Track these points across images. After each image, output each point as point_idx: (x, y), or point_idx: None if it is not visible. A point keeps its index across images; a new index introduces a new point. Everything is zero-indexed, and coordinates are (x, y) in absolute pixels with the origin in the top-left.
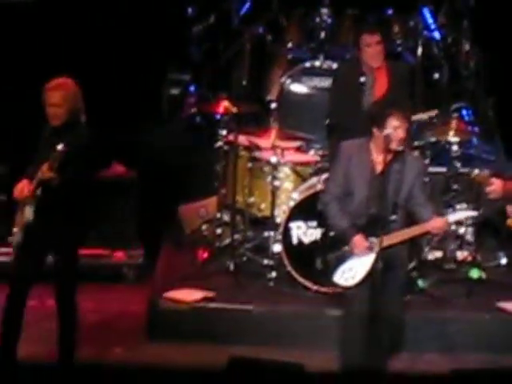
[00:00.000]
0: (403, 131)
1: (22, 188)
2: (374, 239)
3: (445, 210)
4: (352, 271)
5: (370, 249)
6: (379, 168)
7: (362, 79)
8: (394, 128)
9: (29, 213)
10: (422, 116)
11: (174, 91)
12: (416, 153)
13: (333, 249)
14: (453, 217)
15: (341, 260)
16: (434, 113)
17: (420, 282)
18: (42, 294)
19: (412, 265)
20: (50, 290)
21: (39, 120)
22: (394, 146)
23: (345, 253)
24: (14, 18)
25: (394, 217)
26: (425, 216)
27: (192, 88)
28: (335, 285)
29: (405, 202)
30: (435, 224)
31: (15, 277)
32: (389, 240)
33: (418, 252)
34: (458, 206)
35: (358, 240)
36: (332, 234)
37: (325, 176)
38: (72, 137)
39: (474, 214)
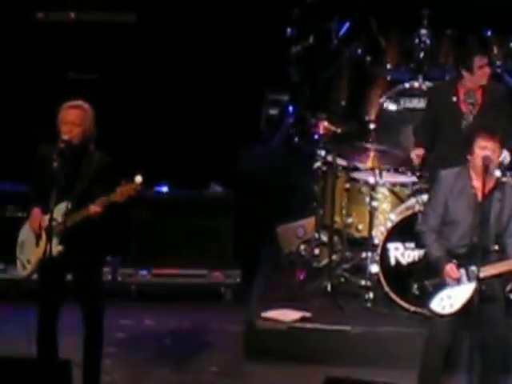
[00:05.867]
0: (492, 152)
1: (39, 221)
2: (473, 268)
3: None
4: (451, 299)
5: (463, 279)
6: (480, 195)
7: (454, 99)
8: (482, 148)
9: (54, 246)
10: None
11: (273, 111)
12: None
13: (431, 275)
14: None
15: (439, 287)
16: None
17: None
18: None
19: (510, 287)
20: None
21: None
22: (491, 167)
23: (443, 280)
24: None
25: (495, 247)
26: None
27: (290, 108)
28: (431, 311)
29: (502, 232)
30: None
31: (42, 298)
32: (487, 271)
33: None
34: None
35: (450, 269)
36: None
37: (423, 197)
38: (89, 163)
39: None
